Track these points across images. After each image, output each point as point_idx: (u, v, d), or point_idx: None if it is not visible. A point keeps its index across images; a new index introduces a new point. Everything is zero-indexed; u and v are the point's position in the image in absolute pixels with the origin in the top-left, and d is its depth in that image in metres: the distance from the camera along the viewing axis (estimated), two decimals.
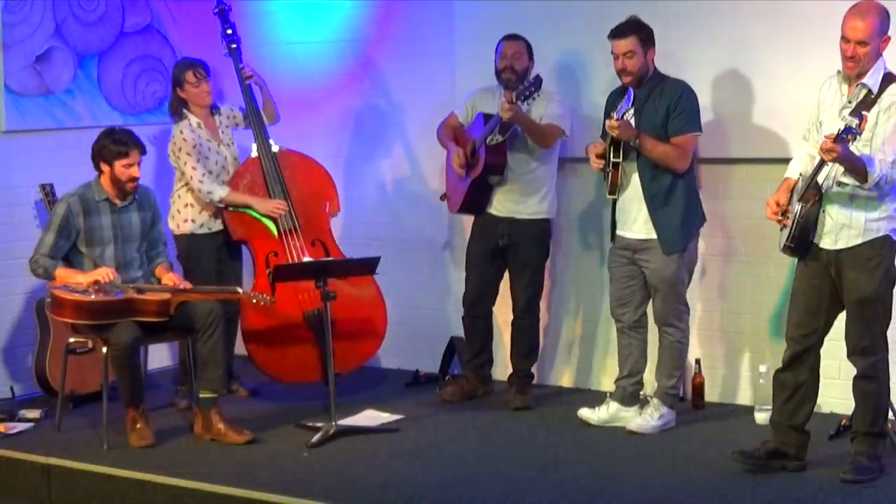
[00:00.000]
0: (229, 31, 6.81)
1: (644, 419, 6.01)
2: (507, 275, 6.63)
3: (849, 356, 5.24)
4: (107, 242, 6.10)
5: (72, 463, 5.75)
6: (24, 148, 7.00)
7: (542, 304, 6.68)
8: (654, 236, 5.91)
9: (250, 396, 6.89)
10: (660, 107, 5.88)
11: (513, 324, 6.62)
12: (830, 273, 5.16)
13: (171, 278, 6.11)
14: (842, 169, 4.99)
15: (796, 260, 5.28)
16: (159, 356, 7.39)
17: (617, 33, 5.87)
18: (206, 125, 6.69)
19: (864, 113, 4.87)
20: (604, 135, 5.94)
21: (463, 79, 6.90)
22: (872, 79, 5.04)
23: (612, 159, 5.84)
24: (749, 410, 6.17)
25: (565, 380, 6.97)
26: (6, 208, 6.95)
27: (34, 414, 6.45)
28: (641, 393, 6.20)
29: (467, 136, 6.50)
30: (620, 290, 6.08)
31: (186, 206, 6.67)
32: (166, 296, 5.95)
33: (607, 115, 6.03)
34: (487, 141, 6.30)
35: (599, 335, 6.74)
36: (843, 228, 5.09)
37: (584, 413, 6.16)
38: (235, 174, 6.69)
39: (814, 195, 5.06)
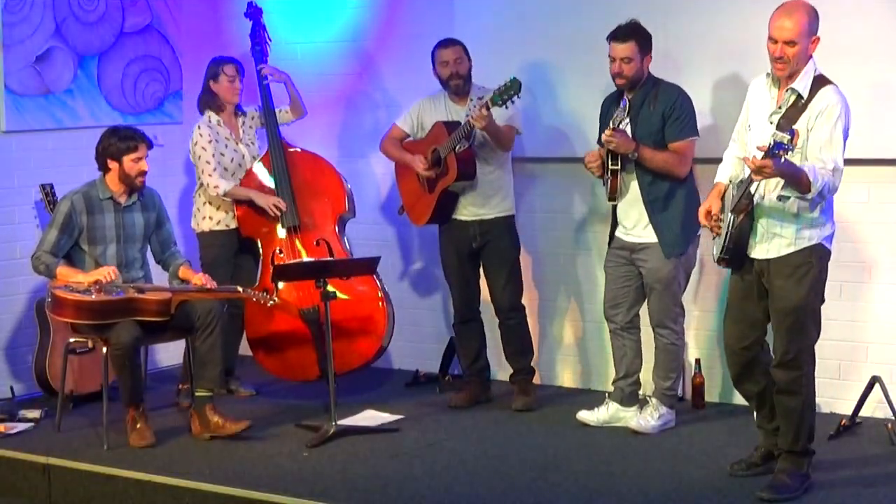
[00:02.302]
0: (260, 32, 6.94)
1: (644, 419, 6.01)
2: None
3: (772, 367, 5.06)
4: (109, 241, 6.10)
5: (72, 463, 5.75)
6: (24, 148, 7.01)
7: (542, 305, 6.67)
8: (653, 239, 5.91)
9: (251, 396, 6.89)
10: (654, 112, 5.86)
11: (501, 325, 6.59)
12: (763, 283, 5.03)
13: (201, 278, 6.10)
14: (774, 180, 4.84)
15: (730, 271, 5.20)
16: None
17: (617, 36, 5.84)
18: (227, 123, 6.76)
19: (795, 128, 4.67)
20: (600, 142, 5.93)
21: None
22: (802, 83, 4.86)
23: (610, 166, 5.83)
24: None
25: (565, 380, 6.97)
26: (6, 208, 6.96)
27: (34, 414, 6.45)
28: (640, 393, 6.21)
29: (417, 146, 6.47)
30: (615, 290, 6.08)
31: (205, 203, 6.73)
32: (167, 295, 5.95)
33: (603, 123, 6.03)
34: (456, 149, 6.30)
35: (599, 335, 6.72)
36: (774, 238, 4.95)
37: (583, 415, 6.16)
38: (248, 171, 6.75)
39: (746, 206, 4.91)
